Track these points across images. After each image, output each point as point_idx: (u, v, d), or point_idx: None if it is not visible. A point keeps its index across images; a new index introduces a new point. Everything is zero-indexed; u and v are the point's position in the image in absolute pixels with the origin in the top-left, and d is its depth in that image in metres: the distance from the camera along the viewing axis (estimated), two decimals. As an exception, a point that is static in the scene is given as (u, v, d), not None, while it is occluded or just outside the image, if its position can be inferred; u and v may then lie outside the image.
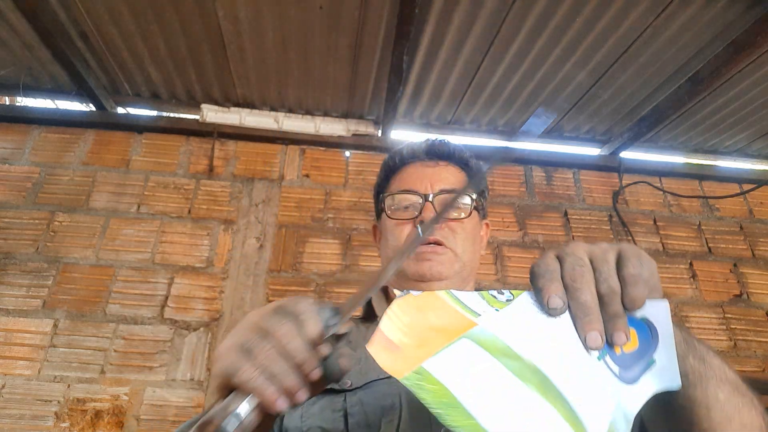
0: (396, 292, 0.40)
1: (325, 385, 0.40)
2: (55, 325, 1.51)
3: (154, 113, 1.92)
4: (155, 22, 1.50)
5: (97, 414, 1.41)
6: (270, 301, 1.63)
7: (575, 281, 0.37)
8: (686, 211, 2.01)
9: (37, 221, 1.66)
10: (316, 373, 0.37)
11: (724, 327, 1.77)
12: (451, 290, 0.41)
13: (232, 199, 1.79)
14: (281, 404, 0.35)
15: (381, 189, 0.84)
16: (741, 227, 1.99)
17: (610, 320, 0.37)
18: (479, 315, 0.38)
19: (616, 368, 0.36)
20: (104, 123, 1.84)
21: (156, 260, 1.64)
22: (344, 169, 1.91)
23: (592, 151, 2.10)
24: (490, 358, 0.35)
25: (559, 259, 0.39)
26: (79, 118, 1.84)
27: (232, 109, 1.89)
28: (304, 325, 0.37)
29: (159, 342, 1.52)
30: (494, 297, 0.40)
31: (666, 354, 0.37)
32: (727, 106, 1.80)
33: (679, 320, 1.73)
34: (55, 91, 1.84)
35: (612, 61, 1.60)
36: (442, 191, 0.75)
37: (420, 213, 0.73)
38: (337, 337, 0.39)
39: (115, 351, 1.50)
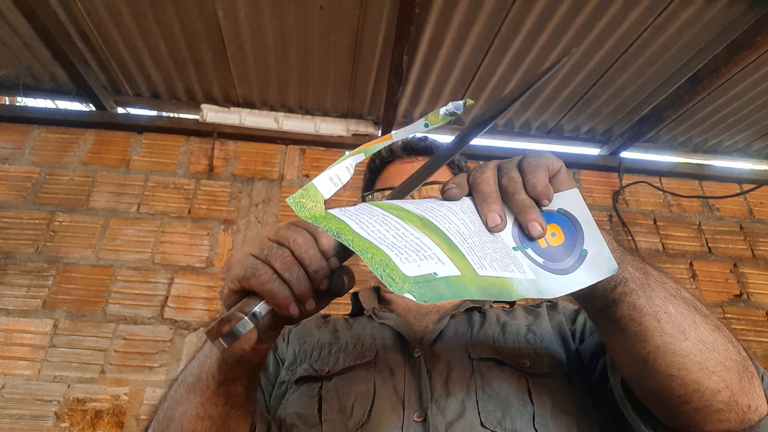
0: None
1: (329, 300, 0.41)
2: (55, 325, 1.51)
3: (154, 113, 1.93)
4: (155, 22, 1.50)
5: (97, 414, 1.41)
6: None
7: (476, 179, 0.40)
8: (686, 211, 2.01)
9: (37, 221, 1.66)
10: (324, 284, 0.38)
11: (724, 327, 1.77)
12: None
13: (232, 199, 1.79)
14: (293, 309, 0.36)
15: (366, 190, 0.87)
16: (741, 227, 1.99)
17: (521, 212, 0.38)
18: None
19: (540, 260, 0.37)
20: (104, 123, 1.84)
21: (156, 260, 1.64)
22: (344, 169, 1.91)
23: (592, 151, 2.10)
24: (378, 209, 0.37)
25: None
26: (79, 118, 1.84)
27: (232, 109, 1.89)
28: (319, 237, 0.38)
29: (159, 342, 1.52)
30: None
31: (594, 241, 0.38)
32: (727, 106, 1.80)
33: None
34: (55, 91, 1.83)
35: (612, 61, 1.60)
36: (423, 184, 0.76)
37: None
38: (345, 255, 0.40)
39: (115, 351, 1.50)
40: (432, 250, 0.34)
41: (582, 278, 0.37)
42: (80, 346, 1.49)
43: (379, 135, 1.96)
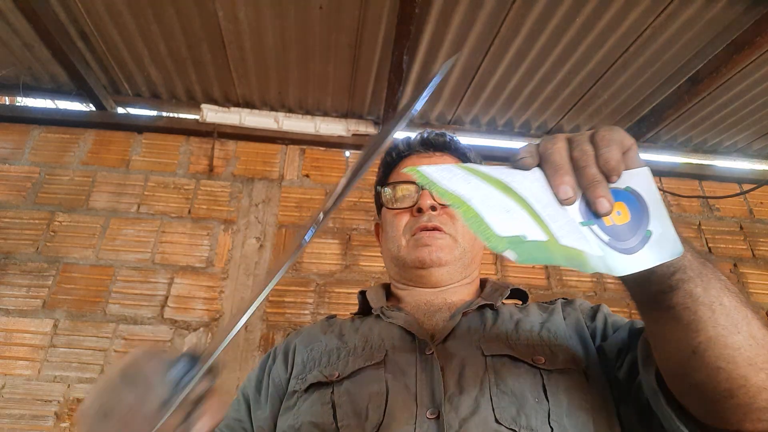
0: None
1: None
2: (55, 325, 1.51)
3: (154, 113, 1.92)
4: (155, 22, 1.50)
5: (97, 414, 1.41)
6: (270, 302, 1.62)
7: (548, 150, 0.39)
8: (686, 211, 2.01)
9: (37, 221, 1.66)
10: None
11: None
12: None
13: (232, 199, 1.79)
14: None
15: (380, 184, 0.84)
16: (741, 227, 1.99)
17: (589, 187, 0.37)
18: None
19: (606, 237, 0.37)
20: (104, 123, 1.84)
21: (156, 260, 1.64)
22: (344, 169, 1.91)
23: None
24: (459, 169, 0.37)
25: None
26: (79, 118, 1.84)
27: (232, 109, 1.89)
28: (147, 400, 0.36)
29: (159, 342, 1.52)
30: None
31: (660, 223, 0.37)
32: (727, 106, 1.80)
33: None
34: (55, 91, 1.83)
35: (612, 61, 1.60)
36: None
37: (417, 201, 0.73)
38: (188, 417, 0.37)
39: (115, 351, 1.49)
40: (518, 212, 0.34)
41: (646, 259, 0.36)
42: (80, 346, 1.49)
43: (379, 135, 1.96)
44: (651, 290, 0.42)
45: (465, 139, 1.98)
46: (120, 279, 1.60)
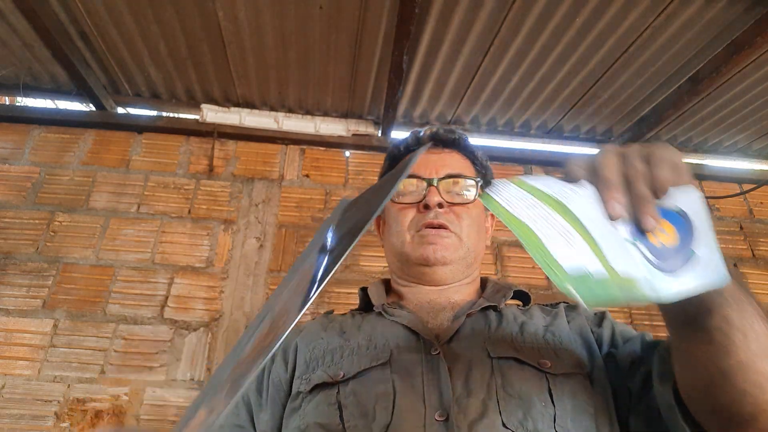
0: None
1: None
2: (55, 325, 1.51)
3: (154, 113, 1.92)
4: (155, 22, 1.50)
5: (97, 414, 1.41)
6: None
7: (599, 165, 0.38)
8: (686, 211, 2.01)
9: (37, 221, 1.66)
10: None
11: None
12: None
13: (232, 199, 1.79)
14: None
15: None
16: (741, 227, 1.99)
17: (637, 203, 0.36)
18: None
19: (652, 257, 0.35)
20: (104, 123, 1.84)
21: (156, 260, 1.64)
22: (344, 169, 1.91)
23: (592, 151, 2.10)
24: (514, 186, 0.37)
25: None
26: (79, 118, 1.84)
27: (232, 109, 1.89)
28: None
29: (159, 342, 1.52)
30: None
31: (706, 245, 0.35)
32: (727, 106, 1.80)
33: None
34: (55, 91, 1.84)
35: (612, 61, 1.60)
36: (448, 176, 0.74)
37: (424, 197, 0.72)
38: None
39: (115, 351, 1.49)
40: (577, 239, 0.32)
41: (690, 282, 0.35)
42: (80, 346, 1.49)
43: (379, 135, 1.96)
44: (688, 311, 0.41)
45: (465, 139, 1.98)
46: (120, 279, 1.60)
